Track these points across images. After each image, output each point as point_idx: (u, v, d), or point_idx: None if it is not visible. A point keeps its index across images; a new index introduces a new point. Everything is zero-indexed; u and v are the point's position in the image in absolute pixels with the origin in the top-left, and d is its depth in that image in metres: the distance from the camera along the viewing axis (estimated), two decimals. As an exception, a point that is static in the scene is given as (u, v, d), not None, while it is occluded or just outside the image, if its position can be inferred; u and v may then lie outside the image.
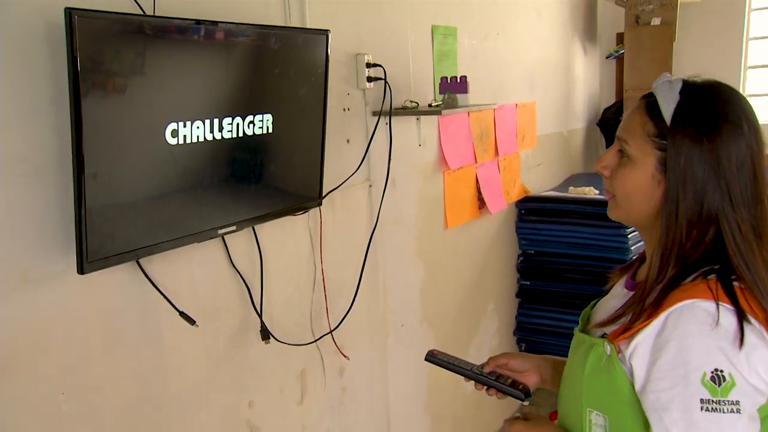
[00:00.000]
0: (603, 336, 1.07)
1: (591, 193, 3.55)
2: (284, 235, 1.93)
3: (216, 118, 1.51)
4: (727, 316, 0.94)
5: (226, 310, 1.74)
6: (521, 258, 3.55)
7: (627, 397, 1.01)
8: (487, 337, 3.28)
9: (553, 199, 3.52)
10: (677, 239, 1.02)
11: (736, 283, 0.98)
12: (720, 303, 0.95)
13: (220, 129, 1.53)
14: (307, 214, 1.99)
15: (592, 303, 1.25)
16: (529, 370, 1.32)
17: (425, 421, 2.75)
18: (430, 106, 2.46)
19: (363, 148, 2.20)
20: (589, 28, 4.57)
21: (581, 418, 1.08)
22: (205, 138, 1.49)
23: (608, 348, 1.03)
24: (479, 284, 3.17)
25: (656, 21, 4.38)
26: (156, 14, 1.46)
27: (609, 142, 4.60)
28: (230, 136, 1.56)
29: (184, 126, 1.43)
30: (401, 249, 2.51)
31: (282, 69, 1.71)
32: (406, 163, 2.50)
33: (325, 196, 2.00)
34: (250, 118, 1.61)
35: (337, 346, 2.12)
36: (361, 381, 2.31)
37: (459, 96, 2.49)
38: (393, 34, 2.40)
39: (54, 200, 1.29)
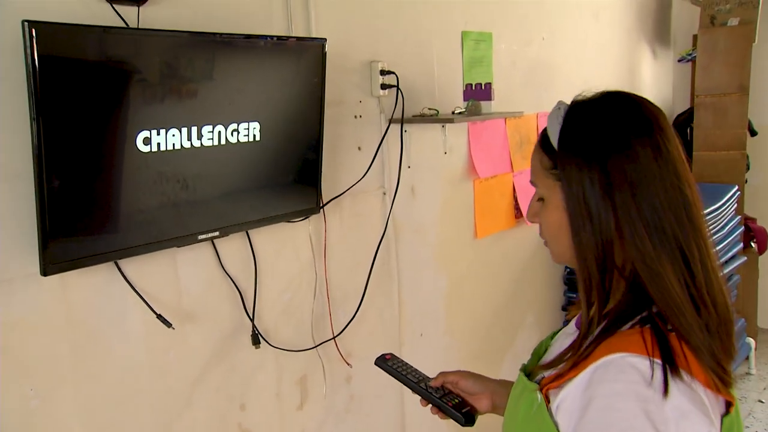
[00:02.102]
0: (542, 379, 0.97)
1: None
2: (283, 241, 1.95)
3: (194, 126, 1.54)
4: (658, 376, 0.83)
5: (215, 313, 1.78)
6: (568, 270, 3.42)
7: None
8: (526, 349, 3.16)
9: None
10: (587, 275, 0.93)
11: (673, 332, 0.87)
12: (654, 360, 0.83)
13: (200, 137, 1.56)
14: (308, 220, 2.00)
15: (551, 333, 1.15)
16: (481, 394, 1.24)
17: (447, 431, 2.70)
18: (453, 113, 2.41)
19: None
20: (660, 30, 4.35)
21: None
22: (182, 146, 1.53)
23: (539, 396, 0.94)
24: (516, 295, 3.08)
25: (734, 21, 4.12)
26: (140, 26, 1.51)
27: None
28: (211, 144, 1.59)
29: (158, 134, 1.47)
30: (421, 258, 2.48)
31: (272, 78, 1.73)
32: (428, 171, 2.47)
33: (327, 203, 2.01)
34: (233, 126, 1.63)
35: (340, 353, 2.12)
36: (373, 389, 2.30)
37: (483, 103, 2.44)
38: (415, 42, 2.38)
39: (29, 204, 1.35)
